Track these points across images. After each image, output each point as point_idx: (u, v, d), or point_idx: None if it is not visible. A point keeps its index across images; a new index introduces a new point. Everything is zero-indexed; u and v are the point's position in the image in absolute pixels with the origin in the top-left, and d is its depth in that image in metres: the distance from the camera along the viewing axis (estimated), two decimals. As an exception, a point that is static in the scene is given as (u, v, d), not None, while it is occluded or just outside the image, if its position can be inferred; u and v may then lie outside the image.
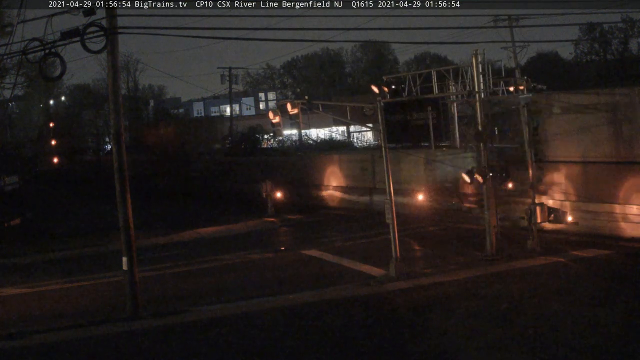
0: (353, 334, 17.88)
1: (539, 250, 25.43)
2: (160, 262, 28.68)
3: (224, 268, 27.62)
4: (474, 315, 18.47)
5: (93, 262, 29.92)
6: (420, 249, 28.49)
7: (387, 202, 23.69)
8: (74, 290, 25.10)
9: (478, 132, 25.66)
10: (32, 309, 22.44)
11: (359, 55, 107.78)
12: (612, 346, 15.63)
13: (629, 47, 75.75)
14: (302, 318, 19.89)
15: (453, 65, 38.04)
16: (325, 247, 29.72)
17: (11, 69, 41.62)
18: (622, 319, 17.48)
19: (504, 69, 36.52)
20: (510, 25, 52.61)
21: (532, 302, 19.44)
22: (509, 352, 15.59)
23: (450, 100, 34.30)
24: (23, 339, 18.98)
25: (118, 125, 20.62)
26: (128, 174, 20.76)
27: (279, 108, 25.74)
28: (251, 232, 35.92)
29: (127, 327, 19.71)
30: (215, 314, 20.78)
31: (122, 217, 20.63)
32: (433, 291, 21.51)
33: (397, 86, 26.69)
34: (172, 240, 34.66)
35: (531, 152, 26.33)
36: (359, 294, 21.87)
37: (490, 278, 22.55)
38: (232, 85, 68.85)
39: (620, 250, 25.02)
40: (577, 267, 23.31)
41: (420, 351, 16.25)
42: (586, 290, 20.42)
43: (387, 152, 23.95)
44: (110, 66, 20.62)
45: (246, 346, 17.47)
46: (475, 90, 25.77)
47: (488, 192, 25.49)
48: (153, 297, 22.27)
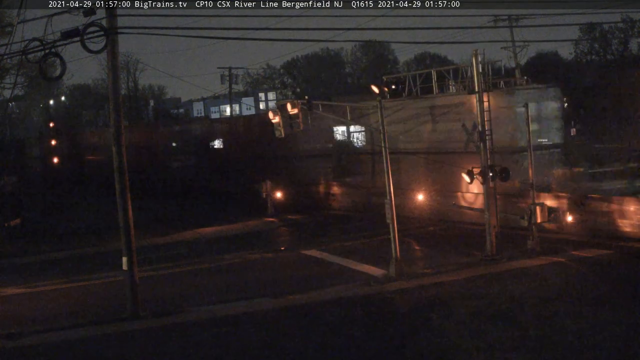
0: (353, 334, 17.87)
1: (538, 250, 25.44)
2: (160, 262, 28.67)
3: (224, 268, 27.62)
4: (474, 315, 18.47)
5: (93, 262, 29.93)
6: (420, 249, 28.51)
7: (387, 202, 23.69)
8: (74, 290, 25.10)
9: (478, 132, 25.66)
10: (32, 309, 22.43)
11: (359, 55, 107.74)
12: (612, 346, 15.64)
13: (629, 47, 75.77)
14: (302, 318, 19.88)
15: (453, 65, 38.07)
16: (325, 247, 29.71)
17: (11, 69, 41.67)
18: (622, 318, 17.48)
19: (504, 68, 36.58)
20: (510, 25, 52.65)
21: (532, 302, 19.44)
22: (509, 352, 15.59)
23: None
24: (23, 339, 18.99)
25: (118, 125, 20.62)
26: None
27: (278, 108, 25.69)
28: (251, 232, 35.91)
29: (127, 327, 19.71)
30: (215, 314, 20.78)
31: (122, 217, 20.62)
32: (433, 291, 21.51)
33: (397, 86, 26.67)
34: (172, 240, 34.66)
35: (531, 151, 26.30)
36: (359, 294, 21.87)
37: (490, 278, 22.54)
38: (232, 85, 68.88)
39: (620, 250, 25.03)
40: (577, 267, 23.31)
41: (421, 351, 16.25)
42: (586, 290, 20.42)
43: (387, 152, 23.94)
44: (110, 66, 20.62)
45: (246, 346, 17.48)
46: (475, 90, 25.77)
47: (488, 192, 25.49)
48: (153, 297, 22.27)
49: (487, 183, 25.18)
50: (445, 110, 32.94)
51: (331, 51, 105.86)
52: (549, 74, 57.63)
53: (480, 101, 25.64)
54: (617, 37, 72.94)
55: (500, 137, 27.78)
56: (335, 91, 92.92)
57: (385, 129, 24.09)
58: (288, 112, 25.35)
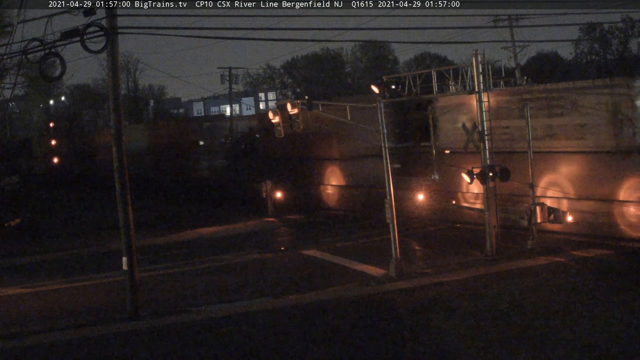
0: (353, 334, 17.87)
1: (538, 250, 25.43)
2: (160, 262, 28.67)
3: (224, 268, 27.62)
4: (474, 315, 18.46)
5: (93, 262, 29.92)
6: (420, 249, 28.50)
7: (387, 201, 23.68)
8: (74, 290, 25.11)
9: (479, 132, 25.65)
10: (32, 309, 22.45)
11: (359, 55, 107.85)
12: (612, 346, 15.63)
13: (629, 47, 75.81)
14: (302, 318, 19.88)
15: (453, 65, 38.06)
16: (325, 247, 29.69)
17: (11, 69, 41.76)
18: (622, 318, 17.48)
19: (504, 69, 36.56)
20: (510, 25, 52.69)
21: (532, 302, 19.43)
22: (509, 351, 15.59)
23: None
24: (23, 339, 18.99)
25: (118, 125, 20.62)
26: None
27: (278, 108, 25.68)
28: (251, 232, 35.88)
29: (127, 327, 19.71)
30: (215, 314, 20.78)
31: (122, 217, 20.62)
32: (433, 291, 21.50)
33: (397, 86, 26.65)
34: (172, 240, 34.65)
35: (530, 150, 26.29)
36: (359, 294, 21.86)
37: (490, 278, 22.55)
38: (232, 85, 68.85)
39: (620, 250, 25.02)
40: (577, 267, 23.31)
41: (421, 351, 16.24)
42: (586, 290, 20.42)
43: (387, 152, 23.93)
44: (110, 66, 20.63)
45: (246, 346, 17.47)
46: (475, 90, 25.76)
47: (488, 192, 25.48)
48: (153, 297, 22.28)
49: (487, 183, 25.16)
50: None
51: (331, 51, 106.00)
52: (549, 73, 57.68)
53: (480, 101, 25.64)
54: (617, 37, 72.97)
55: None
56: (335, 91, 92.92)
57: (385, 129, 24.08)
58: (288, 112, 25.40)
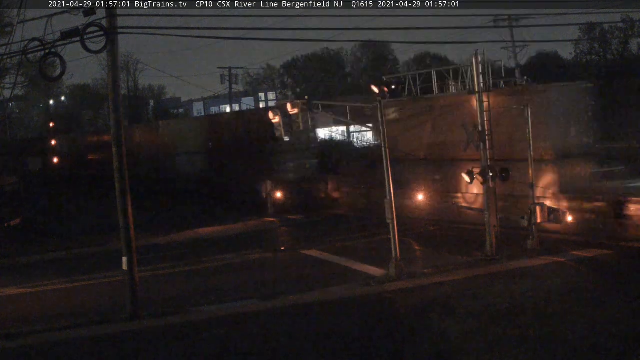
0: (353, 334, 17.87)
1: (539, 250, 25.44)
2: (160, 262, 28.67)
3: (223, 268, 27.62)
4: (474, 315, 18.46)
5: (93, 262, 29.93)
6: (420, 249, 28.50)
7: (387, 201, 23.68)
8: (74, 290, 25.11)
9: (479, 132, 25.65)
10: (32, 309, 22.44)
11: (359, 55, 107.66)
12: (612, 346, 15.63)
13: (629, 47, 75.71)
14: (302, 318, 19.89)
15: (453, 65, 38.06)
16: (325, 247, 29.70)
17: (11, 69, 41.76)
18: (623, 318, 17.48)
19: (504, 69, 36.52)
20: (510, 25, 52.72)
21: (532, 302, 19.42)
22: (509, 352, 15.58)
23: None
24: (23, 339, 18.98)
25: (118, 126, 20.61)
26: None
27: (279, 109, 25.70)
28: (251, 232, 35.91)
29: (127, 327, 19.71)
30: (215, 314, 20.78)
31: (122, 217, 20.62)
32: (433, 291, 21.50)
33: (397, 86, 26.66)
34: (172, 240, 34.67)
35: (531, 151, 26.31)
36: (359, 294, 21.86)
37: (490, 278, 22.54)
38: (232, 85, 68.90)
39: (620, 250, 25.03)
40: (577, 267, 23.31)
41: (421, 351, 16.24)
42: (586, 290, 20.42)
43: (387, 152, 23.93)
44: (110, 66, 20.61)
45: (246, 346, 17.47)
46: (475, 90, 25.76)
47: (488, 192, 25.48)
48: (153, 297, 22.27)
49: (487, 183, 25.17)
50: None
51: (331, 51, 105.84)
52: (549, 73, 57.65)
53: (480, 101, 25.65)
54: (617, 37, 72.92)
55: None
56: (335, 91, 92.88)
57: (384, 128, 24.08)
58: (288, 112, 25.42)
